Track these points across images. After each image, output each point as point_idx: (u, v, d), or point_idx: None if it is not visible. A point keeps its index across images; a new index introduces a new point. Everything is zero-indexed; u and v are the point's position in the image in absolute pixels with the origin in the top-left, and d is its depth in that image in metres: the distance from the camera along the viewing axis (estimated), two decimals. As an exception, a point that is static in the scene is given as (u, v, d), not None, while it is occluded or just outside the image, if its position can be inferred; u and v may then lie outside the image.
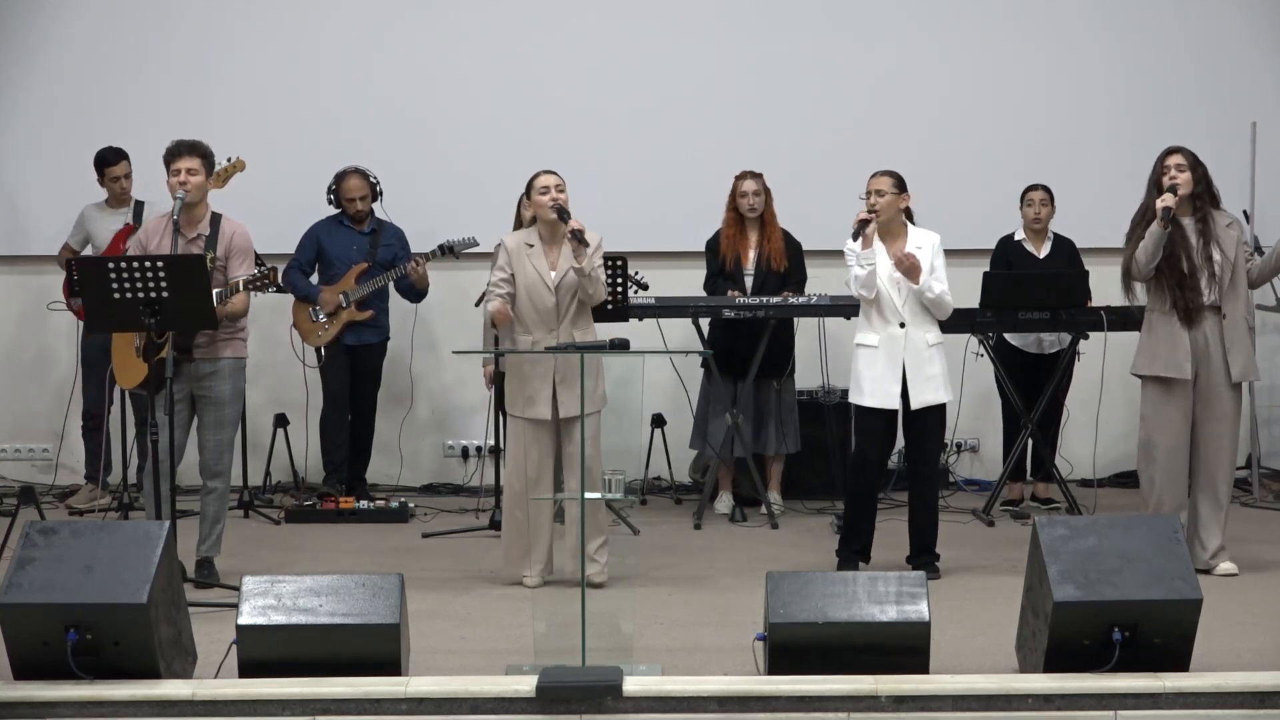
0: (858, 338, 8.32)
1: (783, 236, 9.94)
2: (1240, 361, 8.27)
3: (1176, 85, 10.98)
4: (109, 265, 7.48)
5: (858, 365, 8.29)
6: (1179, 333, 8.22)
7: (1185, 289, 8.20)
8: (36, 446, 11.17)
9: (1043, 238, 10.11)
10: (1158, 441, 8.29)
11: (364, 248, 10.25)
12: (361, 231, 10.29)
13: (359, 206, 10.24)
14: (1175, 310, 8.23)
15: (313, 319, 10.16)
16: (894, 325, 8.17)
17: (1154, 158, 8.39)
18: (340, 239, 10.28)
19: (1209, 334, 8.24)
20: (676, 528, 9.76)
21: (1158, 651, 6.03)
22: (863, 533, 8.34)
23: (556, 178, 8.13)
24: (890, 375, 8.16)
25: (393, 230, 10.37)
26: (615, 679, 5.94)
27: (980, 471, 11.21)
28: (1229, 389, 8.28)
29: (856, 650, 6.06)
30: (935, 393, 8.21)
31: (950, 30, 11.07)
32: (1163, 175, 8.24)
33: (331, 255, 10.24)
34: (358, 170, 10.27)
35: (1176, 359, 8.22)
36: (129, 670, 5.96)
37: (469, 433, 11.24)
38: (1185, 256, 8.20)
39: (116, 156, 10.28)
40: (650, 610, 7.57)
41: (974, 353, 9.95)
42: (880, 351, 8.18)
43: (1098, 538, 6.18)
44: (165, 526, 6.19)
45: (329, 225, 10.33)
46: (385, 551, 9.07)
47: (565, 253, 8.06)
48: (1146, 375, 8.36)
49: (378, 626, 6.06)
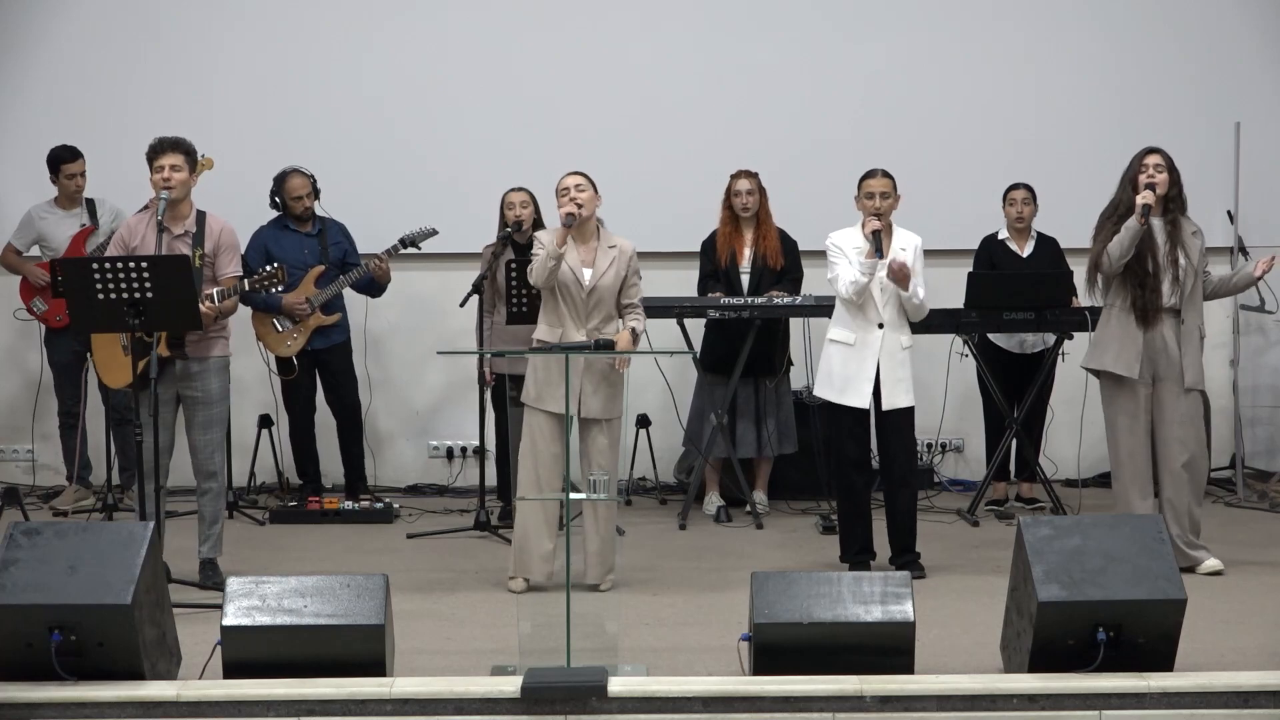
0: (831, 333, 8.31)
1: (778, 235, 9.93)
2: (1192, 370, 8.29)
3: (1161, 86, 11.00)
4: (93, 266, 7.43)
5: (830, 361, 8.28)
6: (1133, 331, 8.24)
7: (1146, 289, 8.22)
8: (20, 448, 11.14)
9: (1026, 236, 10.12)
10: (1117, 444, 8.33)
11: (315, 249, 10.12)
12: (308, 233, 10.14)
13: (305, 204, 10.07)
14: (1133, 309, 8.24)
15: (279, 329, 10.03)
16: (873, 326, 8.17)
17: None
18: (288, 243, 10.10)
19: (1166, 336, 8.25)
20: (661, 528, 9.76)
21: (1142, 651, 6.04)
22: (858, 532, 8.35)
23: (578, 178, 8.02)
24: (864, 374, 8.16)
25: (336, 227, 10.25)
26: (600, 679, 5.94)
27: (965, 472, 11.22)
28: (1185, 392, 8.30)
29: (841, 650, 6.06)
30: (905, 396, 8.23)
31: (939, 30, 11.09)
32: (1140, 173, 8.25)
33: (284, 261, 10.04)
34: (298, 170, 10.14)
35: (1126, 357, 8.24)
36: (113, 671, 5.95)
37: (452, 433, 11.23)
38: (1151, 256, 8.22)
39: (73, 154, 10.21)
40: (635, 611, 7.57)
41: (958, 353, 9.97)
42: (855, 350, 8.18)
43: (1082, 538, 6.19)
44: (149, 527, 6.17)
45: (273, 231, 10.15)
46: (370, 552, 9.06)
47: (602, 254, 8.01)
48: (1094, 369, 8.40)
49: (362, 627, 6.05)
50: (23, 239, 10.33)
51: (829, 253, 8.25)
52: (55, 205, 10.32)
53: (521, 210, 9.42)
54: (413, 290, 10.77)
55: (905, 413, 8.27)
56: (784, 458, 10.25)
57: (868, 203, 8.17)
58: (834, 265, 8.21)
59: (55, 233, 10.18)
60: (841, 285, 8.15)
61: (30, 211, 10.32)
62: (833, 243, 8.24)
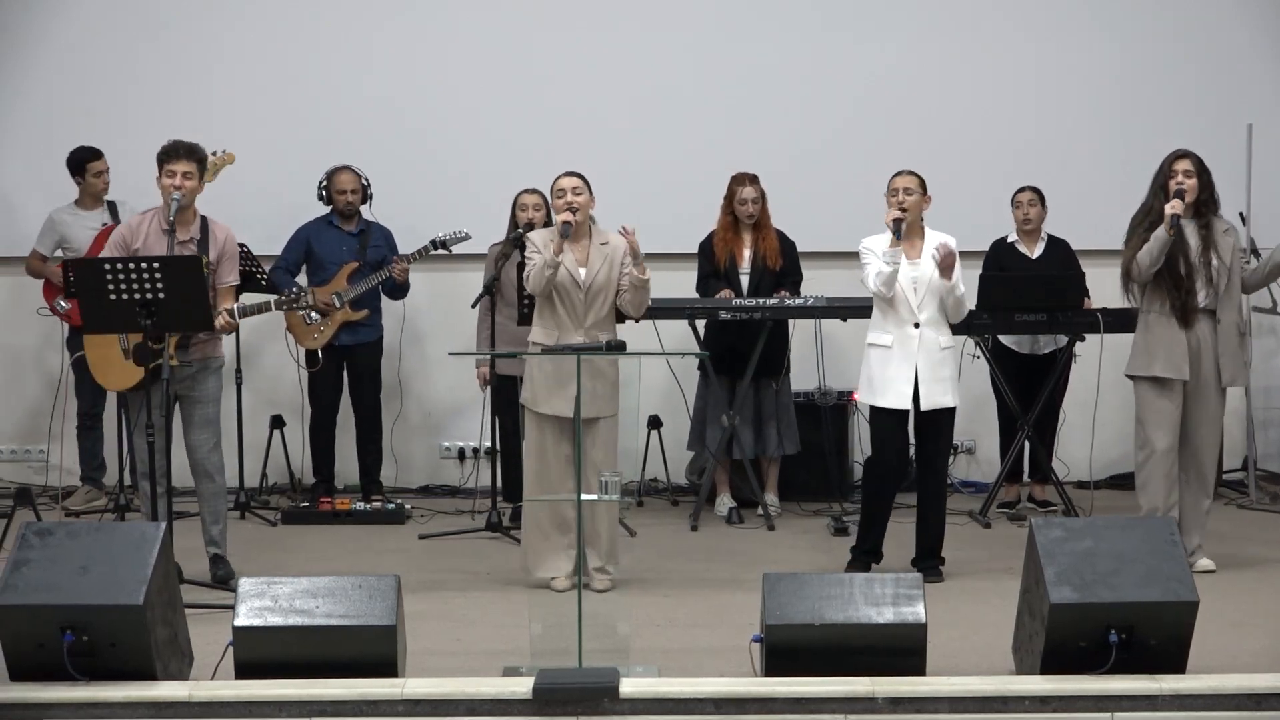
0: (870, 337, 8.28)
1: (777, 236, 9.92)
2: (1231, 367, 8.30)
3: (1173, 87, 10.97)
4: (105, 266, 7.45)
5: (870, 365, 8.25)
6: (1176, 333, 8.23)
7: (1181, 290, 8.22)
8: (33, 448, 11.15)
9: (1035, 239, 10.10)
10: (1155, 441, 8.29)
11: (354, 247, 10.19)
12: (350, 232, 10.23)
13: (349, 199, 10.15)
14: (1172, 312, 8.24)
15: (307, 321, 10.11)
16: (909, 326, 8.14)
17: (1151, 159, 8.41)
18: (330, 239, 10.21)
19: (1202, 337, 8.25)
20: (673, 529, 9.75)
21: (1154, 653, 6.03)
22: (874, 534, 8.34)
23: (574, 180, 8.02)
24: (903, 375, 8.12)
25: (380, 230, 10.33)
26: (612, 680, 5.94)
27: (977, 473, 11.21)
28: (1217, 392, 8.32)
29: (853, 652, 6.06)
30: (945, 395, 8.19)
31: (945, 31, 11.05)
32: (1169, 179, 8.24)
33: (322, 256, 10.17)
34: (349, 167, 10.23)
35: (1174, 360, 8.23)
36: (125, 672, 5.96)
37: (464, 434, 11.23)
38: (1184, 259, 8.22)
39: (96, 153, 10.23)
40: (647, 612, 7.57)
41: (970, 355, 9.96)
42: (894, 351, 8.14)
43: (1094, 539, 6.19)
44: (161, 528, 6.19)
45: (318, 226, 10.26)
46: (382, 553, 9.06)
47: (595, 251, 8.01)
48: (1143, 376, 8.37)
49: (374, 628, 6.06)
50: (46, 243, 10.32)
51: (861, 255, 8.22)
52: (77, 206, 10.31)
53: (534, 213, 9.42)
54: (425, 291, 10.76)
55: (946, 414, 8.24)
56: (796, 459, 10.23)
57: (892, 198, 8.16)
58: (865, 266, 8.19)
59: (77, 233, 10.17)
60: (870, 280, 8.10)
61: (51, 215, 10.31)
62: (865, 245, 8.21)
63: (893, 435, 8.25)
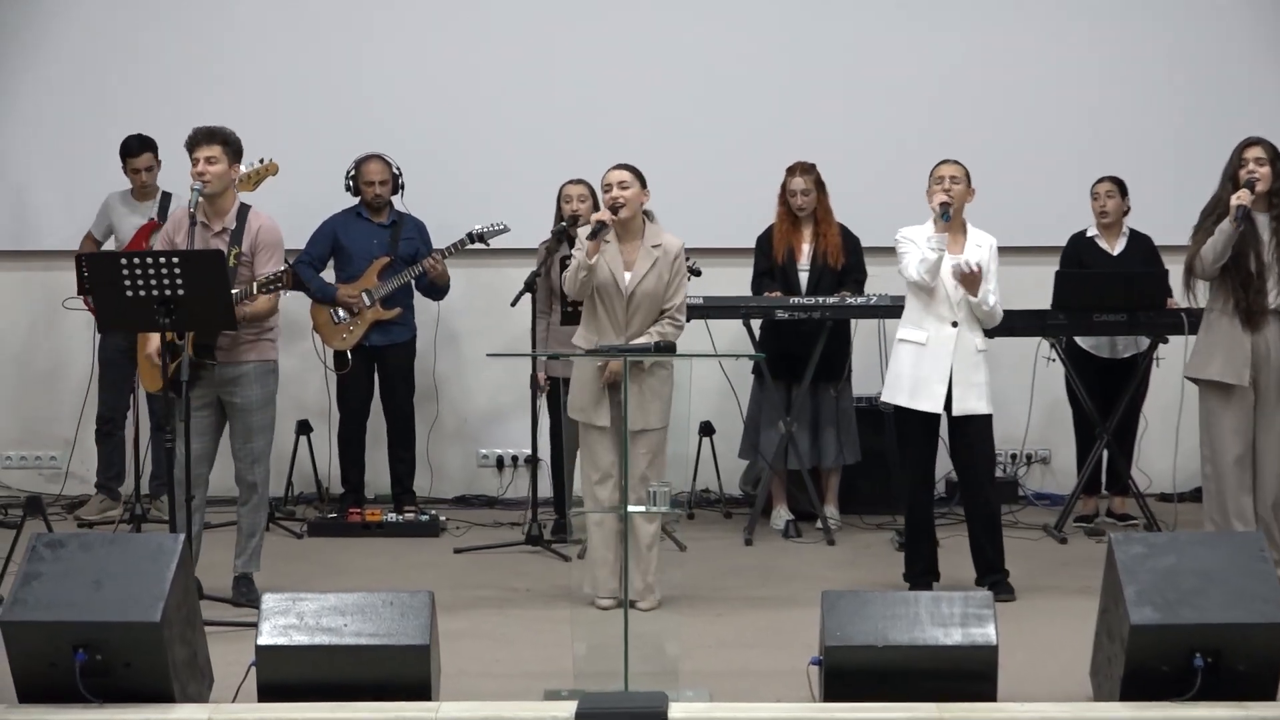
0: (901, 332, 8.26)
1: (840, 231, 9.88)
2: None
3: (1255, 74, 10.91)
4: (121, 261, 7.48)
5: (900, 362, 8.23)
6: (1240, 335, 8.17)
7: (1249, 289, 8.15)
8: (44, 454, 11.20)
9: (1116, 233, 10.04)
10: (1220, 452, 8.24)
11: (384, 241, 10.18)
12: (381, 224, 10.23)
13: (378, 191, 10.16)
14: (1237, 312, 8.18)
15: (335, 320, 10.10)
16: (947, 324, 8.11)
17: (1231, 150, 8.34)
18: (359, 232, 10.21)
19: (1270, 340, 8.18)
20: (726, 543, 9.75)
21: (1243, 679, 5.98)
22: (923, 550, 8.30)
23: (622, 173, 7.99)
24: (937, 375, 8.10)
25: (413, 223, 10.32)
26: (660, 705, 5.92)
27: (1052, 485, 11.16)
28: None
29: (919, 676, 6.03)
30: (979, 401, 8.15)
31: (1014, 15, 11.02)
32: (1240, 168, 8.18)
33: (350, 250, 10.16)
34: (379, 155, 10.23)
35: (1235, 364, 8.17)
36: (141, 693, 5.96)
37: (503, 441, 11.23)
38: (1254, 255, 8.15)
39: (141, 146, 10.25)
40: (697, 632, 7.57)
41: (1045, 357, 9.91)
42: (928, 350, 8.11)
43: (1177, 556, 6.14)
44: (180, 540, 6.19)
45: (346, 218, 10.27)
46: (415, 567, 9.09)
47: (644, 254, 7.96)
48: (1201, 379, 8.31)
49: (406, 648, 6.05)
50: (99, 227, 10.44)
51: (899, 245, 8.20)
52: (129, 197, 10.40)
53: (579, 204, 9.43)
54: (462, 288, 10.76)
55: (982, 421, 8.20)
56: (857, 469, 10.20)
57: (937, 186, 8.12)
58: (904, 256, 8.15)
59: (123, 225, 10.27)
60: (911, 268, 8.07)
61: (106, 199, 10.42)
62: (903, 235, 8.19)
63: (918, 440, 8.24)
